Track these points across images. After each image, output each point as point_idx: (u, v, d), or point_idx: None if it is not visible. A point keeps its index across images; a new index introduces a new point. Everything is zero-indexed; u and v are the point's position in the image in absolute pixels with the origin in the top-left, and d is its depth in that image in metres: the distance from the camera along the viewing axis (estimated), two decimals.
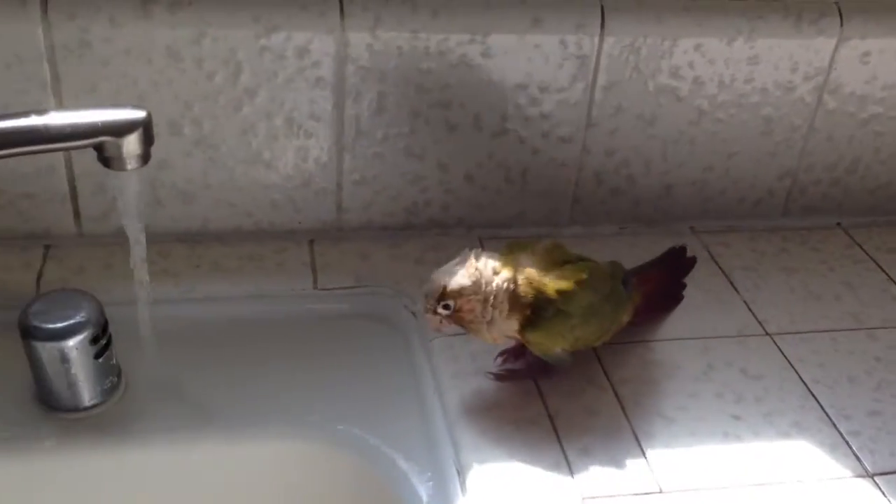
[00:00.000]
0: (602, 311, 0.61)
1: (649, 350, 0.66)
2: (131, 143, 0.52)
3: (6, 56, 0.63)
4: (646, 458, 0.57)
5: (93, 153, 0.67)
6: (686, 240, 0.78)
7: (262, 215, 0.74)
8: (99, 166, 0.68)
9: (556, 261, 0.60)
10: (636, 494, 0.55)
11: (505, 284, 0.57)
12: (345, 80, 0.68)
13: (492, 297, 0.57)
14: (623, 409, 0.61)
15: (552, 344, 0.60)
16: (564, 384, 0.62)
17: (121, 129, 0.51)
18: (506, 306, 0.58)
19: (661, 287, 0.69)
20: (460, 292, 0.57)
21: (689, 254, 0.72)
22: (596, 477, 0.56)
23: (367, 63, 0.68)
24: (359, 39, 0.67)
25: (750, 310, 0.71)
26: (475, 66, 0.69)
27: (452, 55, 0.68)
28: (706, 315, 0.70)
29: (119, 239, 0.70)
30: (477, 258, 0.58)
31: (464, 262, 0.58)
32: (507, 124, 0.72)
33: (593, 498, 0.55)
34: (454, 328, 0.59)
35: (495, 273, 0.57)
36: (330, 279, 0.71)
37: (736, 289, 0.73)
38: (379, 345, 0.69)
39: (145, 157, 0.53)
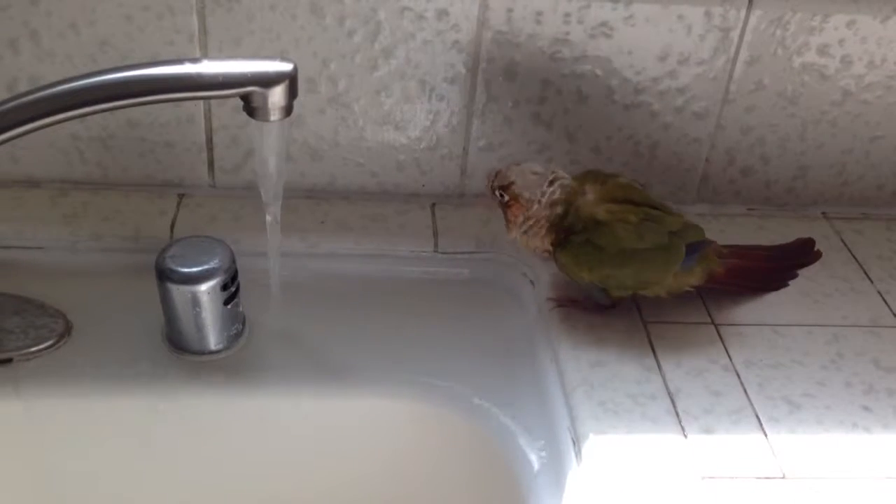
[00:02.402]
0: (646, 260, 0.60)
1: (776, 334, 0.64)
2: (276, 95, 0.52)
3: (159, 7, 0.65)
4: (769, 442, 0.56)
5: (232, 105, 0.69)
6: (818, 225, 0.76)
7: (387, 176, 0.74)
8: (236, 119, 0.71)
9: (621, 197, 0.62)
10: (758, 478, 0.54)
11: (548, 212, 0.62)
12: (481, 45, 0.68)
13: (533, 220, 0.62)
14: (746, 391, 0.59)
15: (578, 270, 0.61)
16: (686, 363, 0.61)
17: (268, 81, 0.52)
18: (542, 231, 0.62)
19: (757, 267, 0.67)
20: (516, 198, 0.62)
21: (821, 243, 0.70)
22: (716, 457, 0.55)
23: (505, 27, 0.67)
24: (499, 3, 0.66)
25: (884, 300, 0.68)
26: (614, 35, 0.68)
27: (592, 22, 0.67)
28: (837, 303, 0.67)
29: (249, 192, 0.73)
30: (552, 183, 0.61)
31: (543, 176, 0.62)
32: (640, 97, 0.71)
33: (713, 478, 0.54)
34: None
35: (552, 205, 0.61)
36: (451, 243, 0.71)
37: (870, 278, 0.70)
38: (497, 310, 0.69)
39: (288, 110, 0.54)
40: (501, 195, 0.62)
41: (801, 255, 0.69)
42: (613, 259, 0.60)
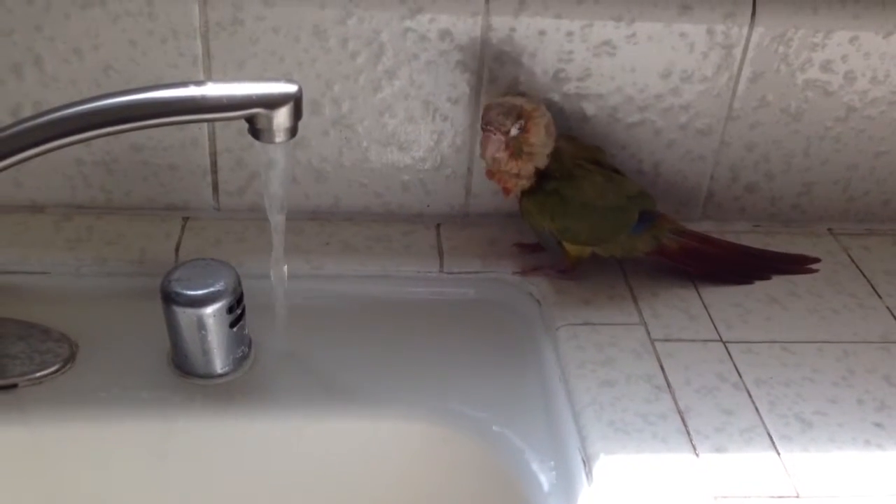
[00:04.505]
0: (602, 217, 0.65)
1: (786, 351, 0.64)
2: (281, 116, 0.52)
3: (162, 31, 0.65)
4: (782, 461, 0.56)
5: (236, 128, 0.69)
6: (824, 241, 0.75)
7: (391, 197, 0.74)
8: (240, 142, 0.70)
9: (590, 158, 0.67)
10: (771, 497, 0.53)
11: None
12: (484, 64, 0.68)
13: (551, 125, 0.64)
14: (757, 409, 0.59)
15: (541, 218, 0.65)
16: (695, 381, 0.61)
17: (273, 102, 0.52)
18: (551, 143, 0.64)
19: (718, 255, 0.70)
20: (531, 113, 0.62)
21: (827, 259, 0.72)
22: (728, 476, 0.54)
23: (508, 47, 0.67)
24: (502, 23, 0.66)
25: (893, 316, 0.68)
26: (617, 53, 0.68)
27: (595, 40, 0.67)
28: (846, 319, 0.67)
29: (253, 214, 0.73)
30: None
31: (526, 98, 0.64)
32: (644, 114, 0.71)
33: (725, 497, 0.53)
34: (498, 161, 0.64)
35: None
36: (456, 263, 0.71)
37: (878, 294, 0.70)
38: (503, 330, 0.68)
39: (293, 131, 0.54)
40: (520, 126, 0.62)
41: (787, 262, 0.70)
42: (575, 212, 0.64)
